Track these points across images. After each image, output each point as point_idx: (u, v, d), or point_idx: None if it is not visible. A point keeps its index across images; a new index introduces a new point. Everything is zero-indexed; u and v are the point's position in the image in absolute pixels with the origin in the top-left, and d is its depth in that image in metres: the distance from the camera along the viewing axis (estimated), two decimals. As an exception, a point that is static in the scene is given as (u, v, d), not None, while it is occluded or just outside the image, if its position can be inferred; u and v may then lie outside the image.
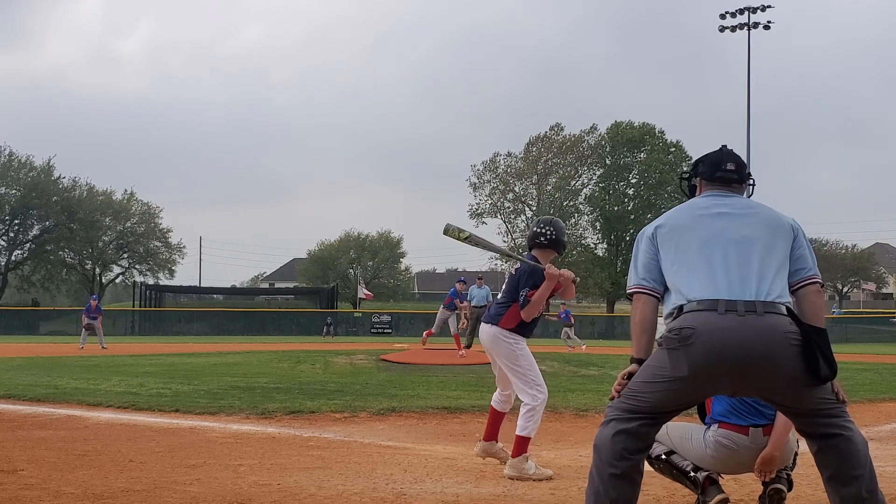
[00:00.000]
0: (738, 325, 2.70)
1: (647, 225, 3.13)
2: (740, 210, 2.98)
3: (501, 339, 5.01)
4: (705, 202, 3.05)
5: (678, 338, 2.75)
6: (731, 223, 2.93)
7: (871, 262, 72.74)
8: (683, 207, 3.10)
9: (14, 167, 55.73)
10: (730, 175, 3.09)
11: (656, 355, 2.86)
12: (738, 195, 3.09)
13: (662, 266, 2.97)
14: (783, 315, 2.76)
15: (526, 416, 4.85)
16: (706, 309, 2.76)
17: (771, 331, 2.70)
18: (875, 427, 7.34)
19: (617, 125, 55.30)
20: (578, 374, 12.26)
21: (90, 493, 4.18)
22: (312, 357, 15.13)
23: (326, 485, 4.49)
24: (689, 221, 2.99)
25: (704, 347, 2.70)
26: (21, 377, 11.11)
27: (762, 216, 2.97)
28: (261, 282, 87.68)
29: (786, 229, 2.95)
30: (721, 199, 3.04)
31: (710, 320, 2.73)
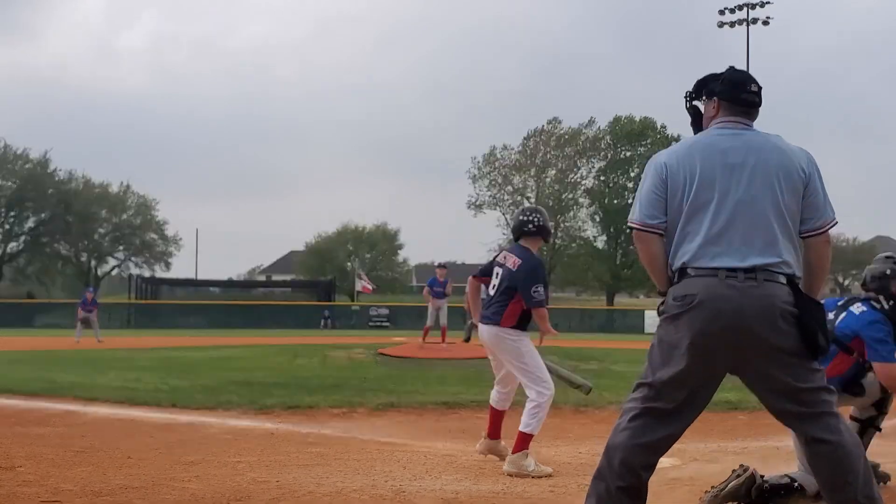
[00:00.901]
0: (738, 294, 2.71)
1: (660, 152, 3.02)
2: (754, 159, 2.82)
3: (505, 337, 5.01)
4: (720, 142, 2.88)
5: (681, 304, 2.76)
6: (743, 179, 2.80)
7: (872, 255, 72.48)
8: (697, 147, 2.92)
9: (10, 159, 55.54)
10: (752, 98, 2.95)
11: (661, 330, 2.86)
12: (752, 126, 2.94)
13: (668, 206, 2.88)
14: (782, 284, 2.75)
15: (531, 413, 4.85)
16: (707, 275, 2.75)
17: (768, 300, 2.71)
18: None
19: (617, 119, 55.27)
20: (578, 369, 12.21)
21: (88, 490, 4.16)
22: (310, 351, 15.10)
23: (325, 482, 4.47)
24: (701, 169, 2.84)
25: (704, 313, 2.72)
26: (18, 371, 11.08)
27: (776, 165, 2.83)
28: (258, 274, 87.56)
29: (799, 177, 2.84)
30: (737, 137, 2.88)
31: (710, 286, 2.73)
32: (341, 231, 65.64)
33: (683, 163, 2.87)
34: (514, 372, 5.08)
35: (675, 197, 2.85)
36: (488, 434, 5.25)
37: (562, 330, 25.42)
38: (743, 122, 2.93)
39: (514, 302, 5.02)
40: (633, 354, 16.60)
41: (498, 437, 5.20)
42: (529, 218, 5.16)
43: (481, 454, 5.24)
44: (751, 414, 7.02)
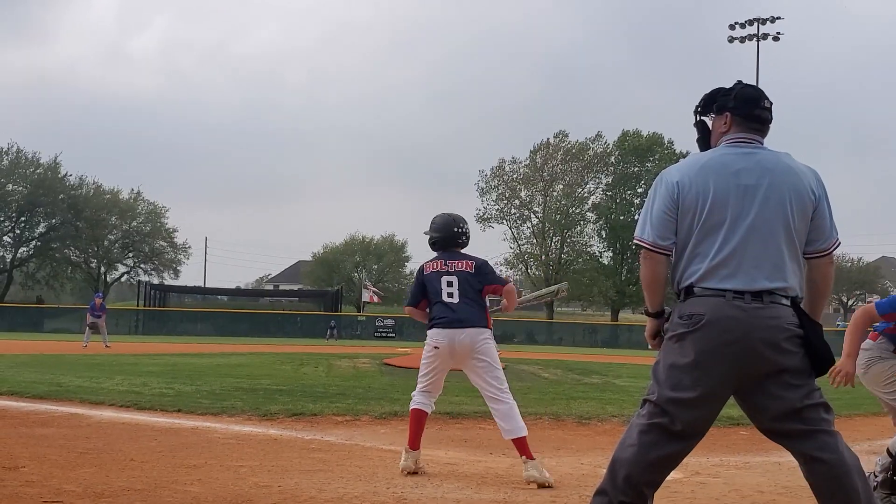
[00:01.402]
0: (745, 315, 2.72)
1: (669, 169, 2.96)
2: (767, 180, 2.80)
3: (487, 340, 5.00)
4: (733, 162, 2.85)
5: (688, 323, 2.77)
6: (756, 201, 2.79)
7: (876, 276, 72.57)
8: (710, 166, 2.86)
9: (21, 164, 55.94)
10: (766, 115, 2.93)
11: (666, 350, 2.85)
12: (763, 144, 2.93)
13: (678, 225, 2.87)
14: (786, 306, 2.77)
15: (517, 416, 4.85)
16: (715, 295, 2.76)
17: (774, 321, 2.73)
18: (878, 441, 7.30)
19: (624, 134, 55.33)
20: (581, 382, 12.24)
21: (91, 492, 4.18)
22: (315, 360, 15.14)
23: (327, 488, 4.48)
24: (714, 189, 2.81)
25: (711, 333, 2.73)
26: (24, 374, 11.13)
27: (789, 188, 2.81)
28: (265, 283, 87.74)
29: (809, 200, 2.84)
30: (750, 157, 2.85)
31: (718, 307, 2.74)
32: (349, 242, 65.83)
33: (696, 182, 2.84)
34: (485, 376, 4.94)
35: (686, 217, 2.84)
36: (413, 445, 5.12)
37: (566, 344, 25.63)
38: (755, 140, 2.91)
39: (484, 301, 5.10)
40: (637, 369, 16.58)
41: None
42: (463, 230, 5.23)
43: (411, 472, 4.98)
44: (752, 429, 6.99)
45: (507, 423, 4.85)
